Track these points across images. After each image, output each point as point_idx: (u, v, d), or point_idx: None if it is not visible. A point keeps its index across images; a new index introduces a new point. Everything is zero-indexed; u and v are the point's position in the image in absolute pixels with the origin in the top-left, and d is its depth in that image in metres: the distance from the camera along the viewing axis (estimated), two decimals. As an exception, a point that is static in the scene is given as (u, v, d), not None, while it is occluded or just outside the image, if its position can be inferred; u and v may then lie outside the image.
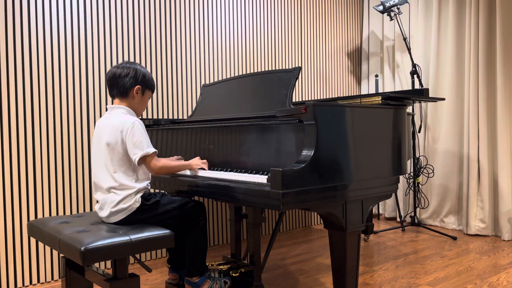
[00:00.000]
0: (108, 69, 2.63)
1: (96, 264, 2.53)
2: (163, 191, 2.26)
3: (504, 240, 3.17)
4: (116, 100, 1.81)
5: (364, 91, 4.24)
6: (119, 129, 1.69)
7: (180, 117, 2.99)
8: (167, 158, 2.01)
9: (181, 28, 2.99)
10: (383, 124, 1.76)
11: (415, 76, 3.43)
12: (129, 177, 1.70)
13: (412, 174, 3.52)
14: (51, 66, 2.45)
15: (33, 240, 2.39)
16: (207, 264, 2.02)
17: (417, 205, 3.56)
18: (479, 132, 3.30)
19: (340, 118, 1.58)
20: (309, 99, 3.80)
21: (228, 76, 3.14)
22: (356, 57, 4.25)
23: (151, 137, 2.39)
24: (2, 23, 2.29)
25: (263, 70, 3.41)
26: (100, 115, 2.61)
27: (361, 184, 1.66)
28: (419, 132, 3.63)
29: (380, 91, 4.02)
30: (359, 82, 4.28)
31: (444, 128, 3.57)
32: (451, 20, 3.52)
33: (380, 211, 4.20)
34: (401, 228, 3.61)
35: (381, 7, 3.56)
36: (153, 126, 2.40)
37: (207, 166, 1.92)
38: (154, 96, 2.86)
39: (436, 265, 2.62)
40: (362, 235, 3.26)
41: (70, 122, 2.52)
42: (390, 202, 4.02)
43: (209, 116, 2.26)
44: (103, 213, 1.71)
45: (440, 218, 3.63)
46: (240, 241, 2.30)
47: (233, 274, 2.01)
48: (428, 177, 3.65)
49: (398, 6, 3.52)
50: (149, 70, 2.83)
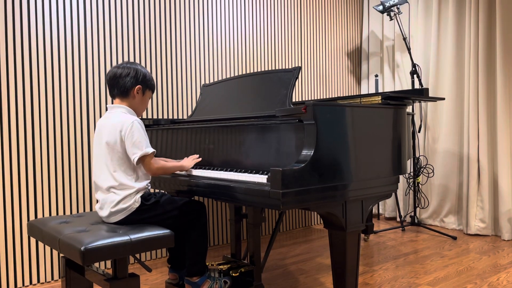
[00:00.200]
0: (108, 69, 2.63)
1: (96, 264, 2.53)
2: (163, 191, 2.26)
3: (504, 240, 3.17)
4: (117, 100, 1.81)
5: (364, 91, 4.24)
6: (118, 128, 1.69)
7: (180, 117, 2.99)
8: (161, 158, 2.01)
9: (181, 28, 2.99)
10: (383, 124, 1.76)
11: (415, 76, 3.43)
12: (129, 176, 1.70)
13: (412, 174, 3.52)
14: (51, 66, 2.45)
15: (33, 240, 2.39)
16: (207, 264, 2.02)
17: (417, 205, 3.56)
18: (479, 132, 3.30)
19: (340, 118, 1.58)
20: (309, 99, 3.80)
21: (228, 76, 3.14)
22: (356, 57, 4.25)
23: (151, 137, 2.39)
24: (2, 23, 2.29)
25: (263, 70, 3.41)
26: (100, 115, 2.61)
27: (361, 184, 1.66)
28: (419, 132, 3.63)
29: (380, 91, 4.02)
30: (359, 82, 4.28)
31: (444, 128, 3.57)
32: (451, 20, 3.52)
33: (380, 211, 4.20)
34: (401, 228, 3.61)
35: (381, 7, 3.56)
36: (153, 126, 2.40)
37: (199, 159, 1.97)
38: (154, 96, 2.86)
39: (436, 265, 2.62)
40: (362, 235, 3.26)
41: (70, 122, 2.52)
42: (390, 202, 4.02)
43: (209, 116, 2.26)
44: (103, 213, 1.71)
45: (440, 218, 3.63)
46: (240, 241, 2.30)
47: (233, 274, 2.01)
48: (428, 177, 3.65)
49: (398, 6, 3.52)
50: (149, 70, 2.83)
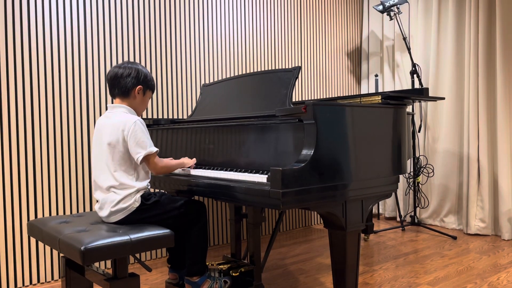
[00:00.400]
0: (108, 69, 2.63)
1: (96, 264, 2.53)
2: (163, 191, 2.26)
3: (504, 240, 3.17)
4: (117, 100, 1.81)
5: (364, 91, 4.24)
6: (120, 128, 1.69)
7: (180, 117, 2.99)
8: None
9: (181, 28, 2.99)
10: (383, 123, 1.76)
11: (415, 75, 3.43)
12: (130, 176, 1.70)
13: (412, 173, 3.52)
14: (51, 66, 2.45)
15: (33, 240, 2.39)
16: (207, 263, 2.02)
17: (417, 205, 3.56)
18: (479, 131, 3.30)
19: (340, 118, 1.58)
20: (309, 98, 3.80)
21: (228, 76, 3.14)
22: (356, 57, 4.25)
23: (151, 137, 2.39)
24: (2, 23, 2.29)
25: (263, 70, 3.41)
26: (100, 115, 2.61)
27: (361, 183, 1.66)
28: (419, 131, 3.63)
29: (380, 90, 4.02)
30: (359, 82, 4.28)
31: (444, 127, 3.57)
32: (451, 20, 3.52)
33: (380, 211, 4.20)
34: (401, 228, 3.61)
35: (380, 7, 3.56)
36: (153, 126, 2.40)
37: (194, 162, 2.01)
38: (154, 96, 2.86)
39: (436, 265, 2.62)
40: (362, 235, 3.26)
41: (70, 122, 2.52)
42: (390, 201, 4.02)
43: (209, 115, 2.26)
44: (103, 213, 1.71)
45: (440, 218, 3.63)
46: (240, 240, 2.30)
47: (233, 274, 2.01)
48: (428, 176, 3.65)
49: (398, 5, 3.51)
50: (149, 70, 2.83)
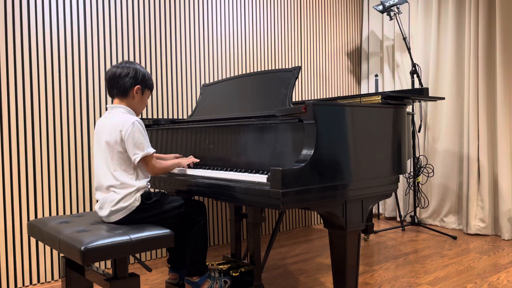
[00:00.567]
0: (108, 69, 2.63)
1: (96, 264, 2.53)
2: (163, 191, 2.26)
3: (504, 240, 3.17)
4: (116, 100, 1.81)
5: (364, 91, 4.24)
6: (118, 128, 1.69)
7: (180, 117, 2.99)
8: (157, 155, 2.02)
9: (181, 28, 2.99)
10: (383, 123, 1.76)
11: (415, 75, 3.43)
12: (129, 175, 1.71)
13: (412, 173, 3.52)
14: (51, 66, 2.45)
15: (33, 240, 2.39)
16: (207, 263, 2.02)
17: (417, 205, 3.56)
18: (479, 131, 3.30)
19: (340, 118, 1.58)
20: (309, 98, 3.80)
21: (228, 76, 3.14)
22: (356, 57, 4.25)
23: (151, 137, 2.39)
24: (2, 23, 2.29)
25: (263, 70, 3.41)
26: (100, 115, 2.61)
27: (361, 183, 1.66)
28: (419, 131, 3.63)
29: (380, 90, 4.02)
30: (359, 82, 4.28)
31: (444, 127, 3.57)
32: (451, 20, 3.52)
33: (380, 211, 4.20)
34: (401, 228, 3.61)
35: (380, 7, 3.56)
36: (153, 126, 2.40)
37: (197, 160, 2.00)
38: (154, 96, 2.86)
39: (436, 265, 2.62)
40: (362, 235, 3.26)
41: (70, 122, 2.52)
42: (390, 201, 4.02)
43: (209, 116, 2.26)
44: (103, 212, 1.71)
45: (440, 218, 3.63)
46: (240, 240, 2.30)
47: (233, 274, 2.01)
48: (428, 176, 3.65)
49: (398, 5, 3.51)
50: (148, 70, 2.83)
